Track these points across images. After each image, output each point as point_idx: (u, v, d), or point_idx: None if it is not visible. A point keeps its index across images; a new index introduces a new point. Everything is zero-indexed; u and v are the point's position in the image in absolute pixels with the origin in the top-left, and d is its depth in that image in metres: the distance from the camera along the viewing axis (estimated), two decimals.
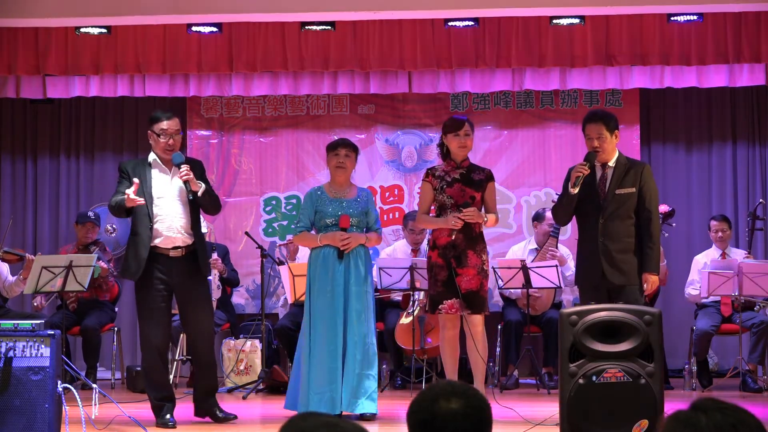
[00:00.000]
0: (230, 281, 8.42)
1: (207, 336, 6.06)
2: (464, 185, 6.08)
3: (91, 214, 8.58)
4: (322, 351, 6.05)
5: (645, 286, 5.71)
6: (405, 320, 7.94)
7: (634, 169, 5.81)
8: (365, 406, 6.07)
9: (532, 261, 8.04)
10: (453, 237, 6.01)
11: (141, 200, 5.78)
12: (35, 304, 8.36)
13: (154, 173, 5.96)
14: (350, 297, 6.09)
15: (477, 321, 6.05)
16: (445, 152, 6.20)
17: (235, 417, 6.02)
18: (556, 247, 8.17)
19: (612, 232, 5.72)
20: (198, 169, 6.02)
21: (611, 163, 5.83)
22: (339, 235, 6.11)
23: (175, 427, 5.81)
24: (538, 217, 8.44)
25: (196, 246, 5.97)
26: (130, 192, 5.76)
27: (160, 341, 5.94)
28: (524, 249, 8.44)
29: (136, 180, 5.83)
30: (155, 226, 5.88)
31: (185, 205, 5.95)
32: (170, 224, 5.91)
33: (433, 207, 6.18)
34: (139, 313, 5.99)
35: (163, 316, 5.96)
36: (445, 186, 6.12)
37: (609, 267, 5.70)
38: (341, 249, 6.10)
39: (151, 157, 6.00)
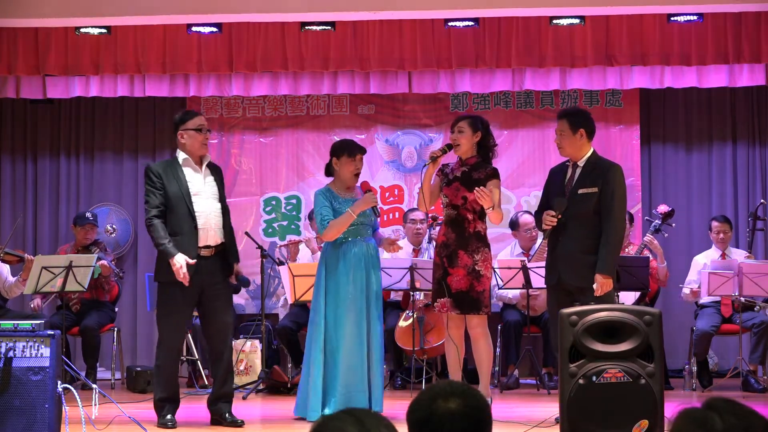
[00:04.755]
0: (243, 282, 8.39)
1: (228, 338, 6.02)
2: (461, 184, 6.03)
3: (89, 215, 8.56)
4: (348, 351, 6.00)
5: (595, 286, 5.57)
6: (404, 323, 7.94)
7: (599, 169, 5.74)
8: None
9: (528, 262, 8.02)
10: (446, 238, 6.02)
11: (187, 277, 5.66)
12: (32, 305, 8.34)
13: (187, 172, 5.89)
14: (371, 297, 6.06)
15: (473, 322, 6.03)
16: None
17: (242, 423, 5.92)
18: None
19: (572, 232, 5.68)
20: (218, 174, 6.05)
21: (581, 163, 5.80)
22: (368, 196, 6.07)
23: (175, 428, 5.79)
24: (513, 225, 8.39)
25: (225, 244, 5.95)
26: (183, 264, 5.63)
27: (179, 342, 5.97)
28: (511, 252, 8.40)
29: (189, 262, 5.68)
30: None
31: (218, 203, 5.95)
32: (206, 222, 5.86)
33: (439, 200, 6.19)
34: (160, 310, 5.87)
35: (187, 317, 5.98)
36: (444, 184, 6.12)
37: (565, 268, 5.67)
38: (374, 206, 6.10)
39: (181, 156, 5.92)
